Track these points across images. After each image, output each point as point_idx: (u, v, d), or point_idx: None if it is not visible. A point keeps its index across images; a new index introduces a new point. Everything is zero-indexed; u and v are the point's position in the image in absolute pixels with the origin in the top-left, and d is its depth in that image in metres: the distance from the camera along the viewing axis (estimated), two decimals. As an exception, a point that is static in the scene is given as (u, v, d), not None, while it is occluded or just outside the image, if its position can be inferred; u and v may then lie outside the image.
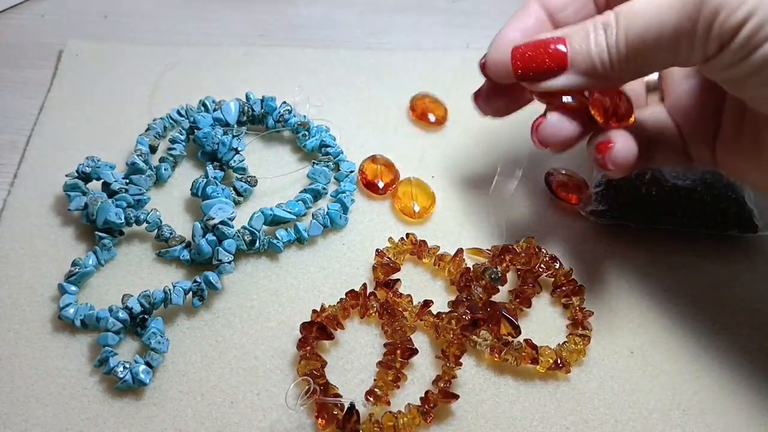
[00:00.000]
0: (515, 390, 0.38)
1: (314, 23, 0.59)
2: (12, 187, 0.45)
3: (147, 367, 0.37)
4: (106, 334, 0.37)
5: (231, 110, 0.47)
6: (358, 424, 0.35)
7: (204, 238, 0.40)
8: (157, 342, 0.37)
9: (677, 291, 0.42)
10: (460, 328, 0.38)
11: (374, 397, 0.36)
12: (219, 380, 0.37)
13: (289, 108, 0.48)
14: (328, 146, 0.47)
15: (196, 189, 0.43)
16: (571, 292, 0.41)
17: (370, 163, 0.46)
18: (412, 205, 0.44)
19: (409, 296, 0.40)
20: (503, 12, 0.61)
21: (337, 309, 0.39)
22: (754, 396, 0.38)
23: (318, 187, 0.45)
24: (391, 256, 0.41)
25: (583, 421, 0.37)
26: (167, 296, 0.39)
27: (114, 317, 0.38)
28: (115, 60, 0.53)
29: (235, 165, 0.45)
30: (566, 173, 0.47)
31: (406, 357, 0.37)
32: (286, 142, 0.49)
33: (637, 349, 0.40)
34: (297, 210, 0.43)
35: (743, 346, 0.40)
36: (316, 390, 0.35)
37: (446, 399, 0.36)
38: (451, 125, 0.51)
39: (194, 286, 0.39)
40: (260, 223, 0.42)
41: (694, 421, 0.37)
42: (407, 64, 0.54)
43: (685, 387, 0.38)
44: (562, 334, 0.40)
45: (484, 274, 0.40)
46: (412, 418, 0.35)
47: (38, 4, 0.58)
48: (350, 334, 0.40)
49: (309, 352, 0.37)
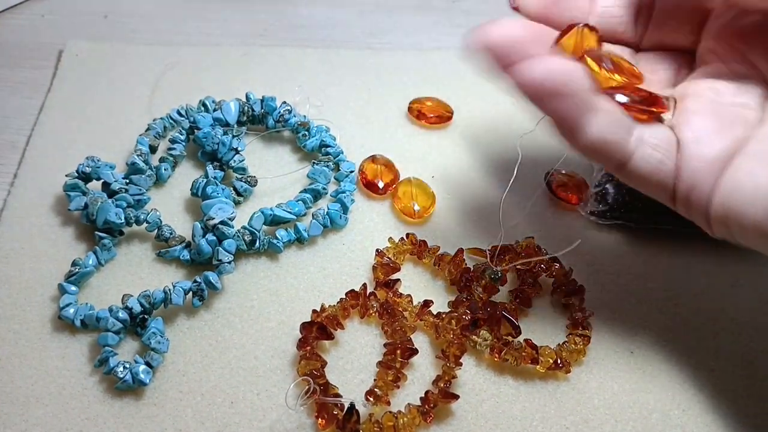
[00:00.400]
0: (515, 390, 0.38)
1: (314, 23, 0.59)
2: (12, 187, 0.45)
3: (147, 367, 0.37)
4: (106, 334, 0.37)
5: (231, 110, 0.47)
6: (358, 424, 0.35)
7: (204, 238, 0.40)
8: (157, 342, 0.37)
9: (677, 291, 0.42)
10: (460, 328, 0.38)
11: (374, 397, 0.36)
12: (219, 380, 0.37)
13: (289, 108, 0.48)
14: (328, 146, 0.47)
15: (196, 189, 0.43)
16: (571, 292, 0.41)
17: (370, 163, 0.46)
18: (412, 205, 0.44)
19: (409, 296, 0.40)
20: (503, 12, 0.60)
21: (337, 309, 0.39)
22: (754, 396, 0.38)
23: (318, 187, 0.45)
24: (391, 256, 0.41)
25: (583, 421, 0.37)
26: (167, 296, 0.39)
27: (114, 317, 0.38)
28: (115, 60, 0.53)
29: (235, 165, 0.45)
30: (566, 173, 0.47)
31: (406, 357, 0.37)
32: (286, 142, 0.49)
33: (637, 349, 0.40)
34: (297, 210, 0.43)
35: (744, 346, 0.40)
36: (316, 390, 0.35)
37: (446, 399, 0.36)
38: (452, 125, 0.51)
39: (194, 286, 0.39)
40: (260, 223, 0.42)
41: (694, 421, 0.37)
42: (407, 64, 0.54)
43: (685, 387, 0.38)
44: (562, 334, 0.40)
45: (484, 274, 0.40)
46: (412, 418, 0.35)
47: (38, 4, 0.59)
48: (350, 334, 0.40)
49: (309, 352, 0.37)
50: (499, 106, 0.52)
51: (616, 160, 0.32)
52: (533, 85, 0.30)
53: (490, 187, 0.47)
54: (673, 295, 0.42)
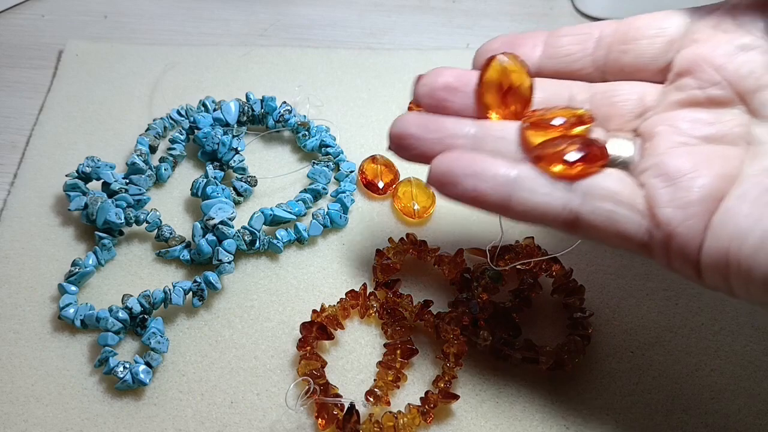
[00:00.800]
0: (515, 390, 0.38)
1: (314, 23, 0.59)
2: (12, 187, 0.45)
3: (147, 367, 0.37)
4: (106, 334, 0.37)
5: (231, 110, 0.47)
6: (358, 424, 0.35)
7: (204, 238, 0.40)
8: (157, 342, 0.37)
9: (677, 291, 0.42)
10: (460, 328, 0.38)
11: (374, 397, 0.36)
12: (219, 380, 0.37)
13: (289, 108, 0.48)
14: (328, 146, 0.47)
15: (196, 189, 0.43)
16: (571, 292, 0.41)
17: (370, 163, 0.46)
18: (412, 204, 0.44)
19: (409, 296, 0.40)
20: (503, 12, 0.61)
21: (337, 309, 0.39)
22: (754, 396, 0.38)
23: (318, 187, 0.45)
24: (391, 256, 0.41)
25: (584, 421, 0.37)
26: (167, 296, 0.39)
27: (114, 317, 0.38)
28: (115, 60, 0.53)
29: (235, 165, 0.45)
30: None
31: (406, 357, 0.37)
32: (286, 142, 0.49)
33: (637, 350, 0.40)
34: (297, 210, 0.43)
35: (744, 346, 0.40)
36: (316, 390, 0.35)
37: (446, 399, 0.36)
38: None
39: (194, 286, 0.39)
40: (260, 223, 0.42)
41: (695, 423, 0.37)
42: (407, 64, 0.54)
43: (686, 387, 0.38)
44: (561, 335, 0.40)
45: (484, 274, 0.40)
46: (412, 419, 0.35)
47: (38, 4, 0.58)
48: (350, 334, 0.40)
49: (309, 352, 0.37)
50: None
51: (560, 223, 0.30)
52: (438, 179, 0.31)
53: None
54: (673, 295, 0.42)
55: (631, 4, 0.62)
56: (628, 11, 0.62)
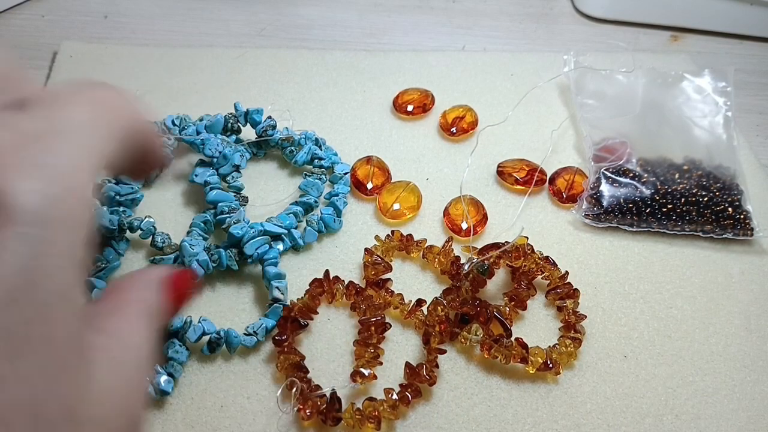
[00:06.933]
0: (507, 394, 0.38)
1: (313, 23, 0.59)
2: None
3: (169, 377, 0.36)
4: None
5: (217, 126, 0.46)
6: (340, 411, 0.35)
7: (196, 259, 0.40)
8: (175, 351, 0.37)
9: (672, 294, 0.42)
10: (451, 323, 0.38)
11: (360, 376, 0.36)
12: (209, 384, 0.37)
13: (273, 123, 0.46)
14: (321, 158, 0.46)
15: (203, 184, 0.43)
16: (566, 295, 0.40)
17: (364, 164, 0.46)
18: (392, 205, 0.44)
19: (400, 295, 0.39)
20: (503, 12, 0.60)
21: (306, 300, 0.39)
22: (748, 401, 0.38)
23: (309, 200, 0.44)
24: (380, 253, 0.41)
25: (575, 425, 0.37)
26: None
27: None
28: (109, 61, 0.53)
29: (232, 182, 0.44)
30: (563, 175, 0.47)
31: (380, 332, 0.37)
32: (278, 151, 0.49)
33: (631, 353, 0.39)
34: (288, 223, 0.42)
35: (738, 350, 0.40)
36: (303, 388, 0.35)
37: (424, 382, 0.36)
38: (433, 119, 0.51)
39: (215, 337, 0.38)
40: (253, 248, 0.41)
41: (687, 426, 0.37)
42: (403, 66, 0.54)
43: (679, 391, 0.38)
44: (554, 337, 0.40)
45: (472, 266, 0.40)
46: (391, 404, 0.35)
47: (38, 4, 0.59)
48: (323, 324, 0.40)
49: (288, 346, 0.37)
50: (493, 108, 0.51)
51: None
52: None
53: (487, 189, 0.47)
54: (668, 297, 0.42)
55: (632, 4, 0.62)
56: (628, 11, 0.62)
